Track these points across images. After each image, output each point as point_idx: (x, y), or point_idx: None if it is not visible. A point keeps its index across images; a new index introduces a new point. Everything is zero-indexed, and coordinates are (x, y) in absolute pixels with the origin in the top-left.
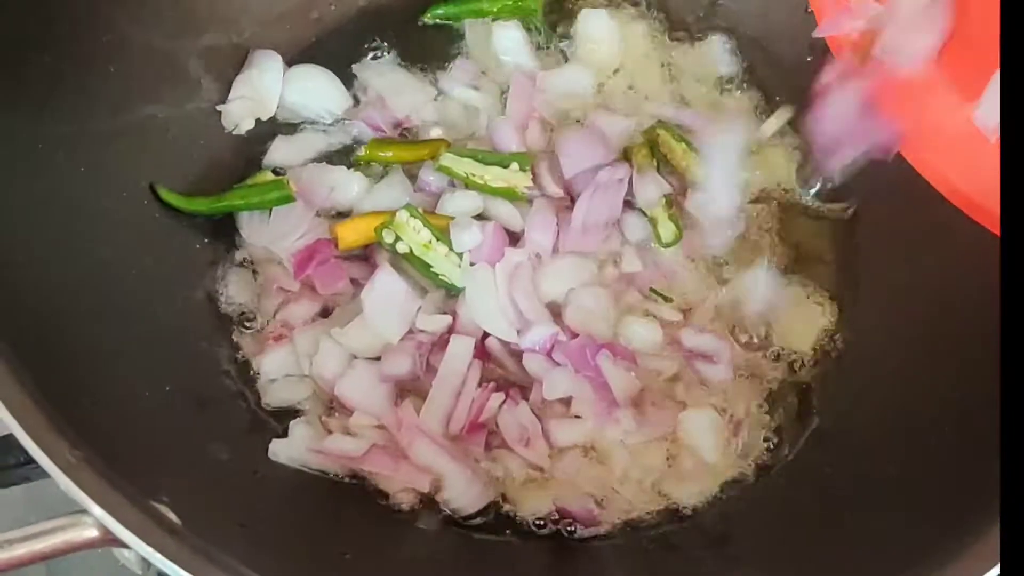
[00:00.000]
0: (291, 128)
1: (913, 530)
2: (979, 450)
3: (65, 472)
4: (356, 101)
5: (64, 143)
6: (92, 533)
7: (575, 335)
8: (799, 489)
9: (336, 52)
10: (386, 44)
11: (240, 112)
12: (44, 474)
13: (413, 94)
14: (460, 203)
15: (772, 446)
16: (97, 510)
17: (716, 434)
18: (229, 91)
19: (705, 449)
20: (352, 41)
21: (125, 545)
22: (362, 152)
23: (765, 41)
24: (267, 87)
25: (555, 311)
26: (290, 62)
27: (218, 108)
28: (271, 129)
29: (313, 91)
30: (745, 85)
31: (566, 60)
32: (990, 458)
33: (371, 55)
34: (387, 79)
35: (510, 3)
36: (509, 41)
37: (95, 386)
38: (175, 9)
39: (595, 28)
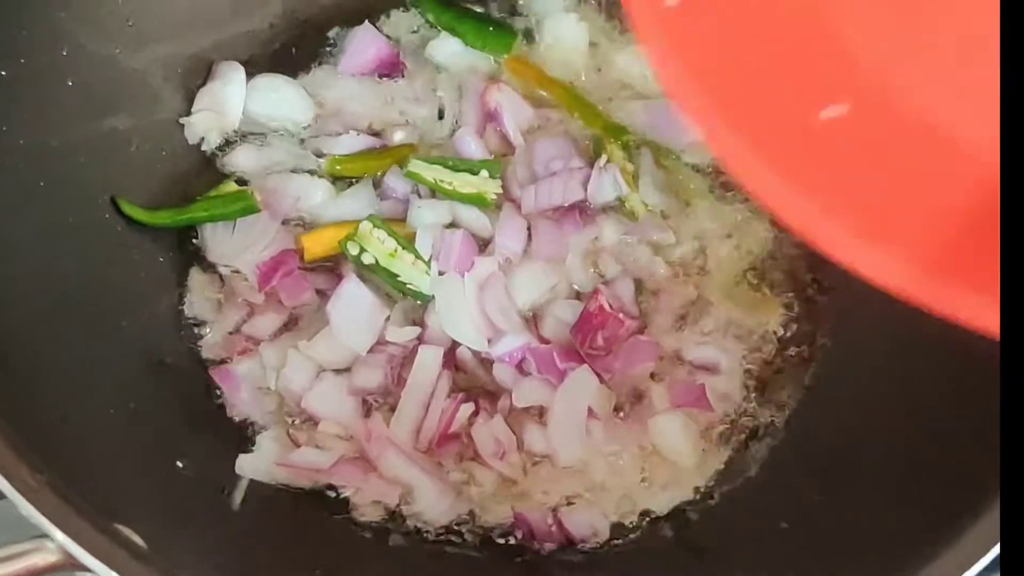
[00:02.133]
0: (256, 138)
1: (901, 521)
2: (963, 435)
3: (25, 496)
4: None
5: (24, 157)
6: (54, 558)
7: (546, 342)
8: (776, 491)
9: (298, 59)
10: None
11: (204, 124)
12: (3, 497)
13: (368, 99)
14: (428, 214)
15: (749, 444)
16: (59, 535)
17: (688, 437)
18: (191, 102)
19: (680, 454)
20: (311, 48)
21: (89, 569)
22: (325, 165)
23: None
24: (230, 99)
25: (530, 319)
26: (252, 71)
27: (181, 121)
28: (235, 139)
29: (277, 101)
30: None
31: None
32: (979, 440)
33: (320, 63)
34: (339, 88)
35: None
36: (446, 50)
37: (57, 405)
38: (133, 21)
39: (563, 31)
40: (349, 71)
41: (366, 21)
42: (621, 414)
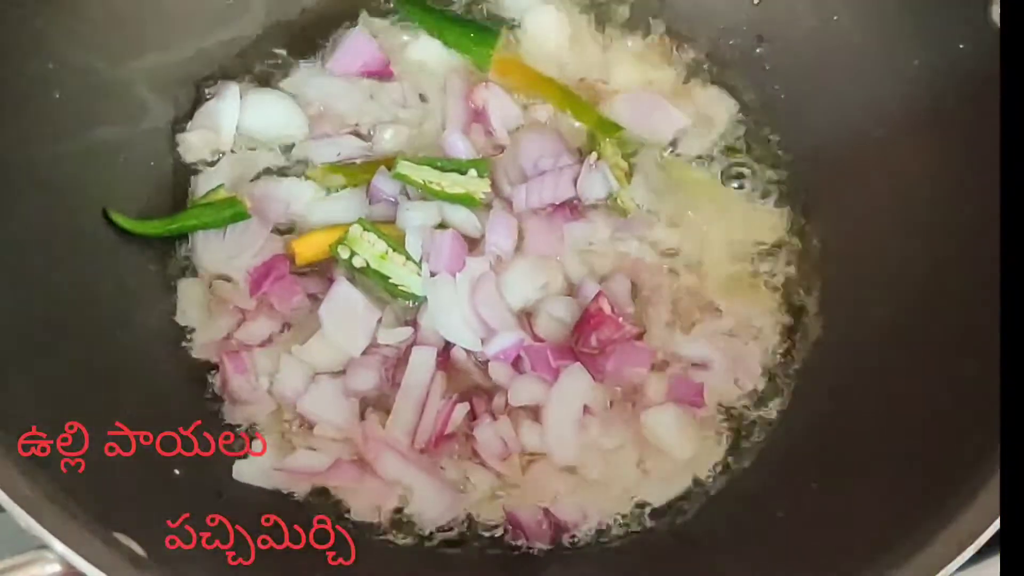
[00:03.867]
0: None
1: (896, 508)
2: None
3: (24, 507)
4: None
5: (11, 170)
6: (55, 568)
7: (540, 340)
8: (772, 482)
9: (283, 63)
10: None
11: (198, 143)
12: (2, 510)
13: (352, 97)
14: (417, 215)
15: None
16: (59, 545)
17: (683, 429)
18: (178, 111)
19: (674, 446)
20: (296, 51)
21: None
22: (315, 175)
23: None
24: (224, 116)
25: (523, 316)
26: (237, 78)
27: (177, 140)
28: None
29: (271, 118)
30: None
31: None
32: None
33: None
34: (325, 87)
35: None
36: (431, 51)
37: (52, 416)
38: (117, 33)
39: (543, 23)
40: (337, 71)
41: (359, 24)
42: (616, 408)
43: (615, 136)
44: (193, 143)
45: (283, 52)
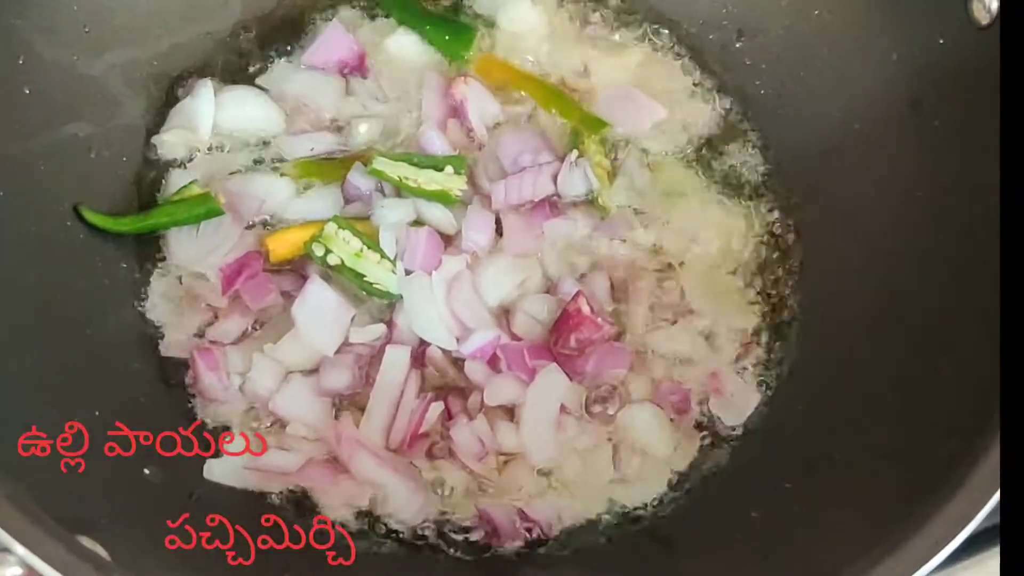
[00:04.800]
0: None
1: (869, 509)
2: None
3: None
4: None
5: None
6: (15, 572)
7: (518, 339)
8: (747, 481)
9: (257, 57)
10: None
11: (175, 141)
12: None
13: (327, 91)
14: (392, 212)
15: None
16: (20, 549)
17: (661, 427)
18: (151, 107)
19: (652, 444)
20: (271, 45)
21: None
22: (290, 171)
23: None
24: (200, 114)
25: (501, 314)
26: (212, 73)
27: (152, 140)
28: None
29: (246, 114)
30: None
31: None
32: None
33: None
34: (300, 82)
35: None
36: (407, 45)
37: (21, 415)
38: (89, 27)
39: (520, 19)
40: (312, 64)
41: (335, 18)
42: (594, 408)
43: (599, 132)
44: (169, 142)
45: (258, 47)
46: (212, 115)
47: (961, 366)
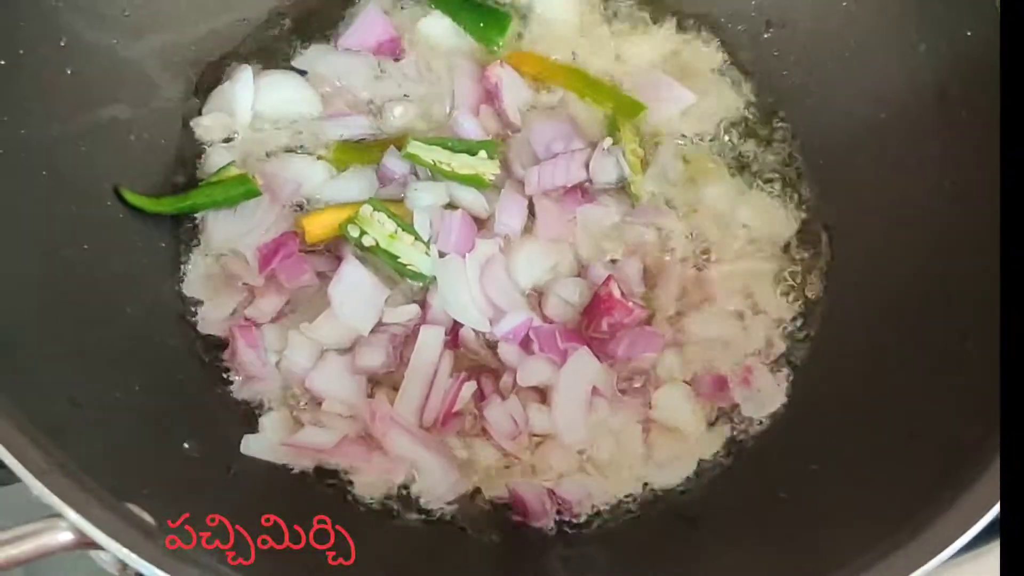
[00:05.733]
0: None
1: (897, 489)
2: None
3: (38, 477)
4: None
5: (24, 147)
6: (67, 537)
7: (550, 321)
8: (774, 461)
9: (294, 43)
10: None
11: (213, 125)
12: (15, 478)
13: (363, 72)
14: (426, 195)
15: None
16: (72, 514)
17: (692, 407)
18: (189, 90)
19: (683, 424)
20: (307, 30)
21: (101, 547)
22: (328, 154)
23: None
24: (239, 99)
25: (534, 296)
26: (249, 58)
27: (191, 124)
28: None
29: (284, 98)
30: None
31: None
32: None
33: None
34: (336, 64)
35: None
36: (442, 30)
37: (65, 389)
38: (129, 11)
39: (554, 8)
40: (349, 46)
41: (372, 2)
42: (626, 388)
43: (636, 116)
44: (208, 126)
45: (294, 32)
46: (251, 99)
47: (985, 353)
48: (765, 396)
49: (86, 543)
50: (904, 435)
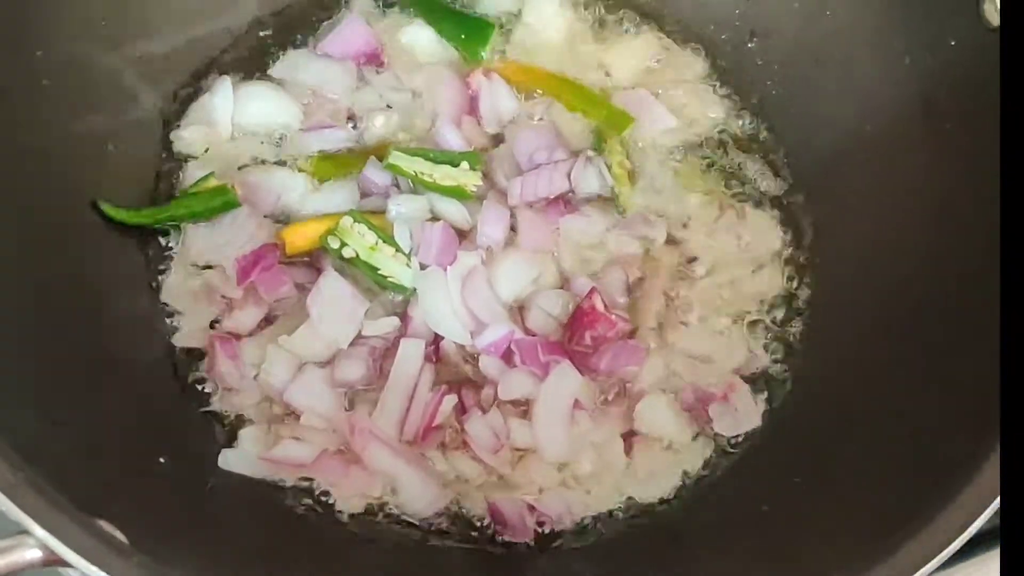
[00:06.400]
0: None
1: (880, 503)
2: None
3: (5, 492)
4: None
5: (1, 159)
6: (35, 554)
7: (532, 334)
8: (758, 475)
9: (274, 52)
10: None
11: (194, 138)
12: None
13: (342, 78)
14: (407, 207)
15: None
16: (39, 531)
17: (675, 418)
18: (167, 101)
19: (667, 435)
20: (286, 39)
21: (70, 565)
22: (307, 167)
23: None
24: (218, 111)
25: (515, 309)
26: (229, 68)
27: (171, 137)
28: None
29: (264, 110)
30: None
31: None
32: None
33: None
34: (316, 71)
35: None
36: (423, 40)
37: (36, 402)
38: (106, 21)
39: (541, 17)
40: (329, 53)
41: (354, 10)
42: (606, 399)
43: (626, 129)
44: (188, 139)
45: (275, 42)
46: (230, 111)
47: (968, 365)
48: (741, 416)
49: (55, 560)
50: (888, 449)
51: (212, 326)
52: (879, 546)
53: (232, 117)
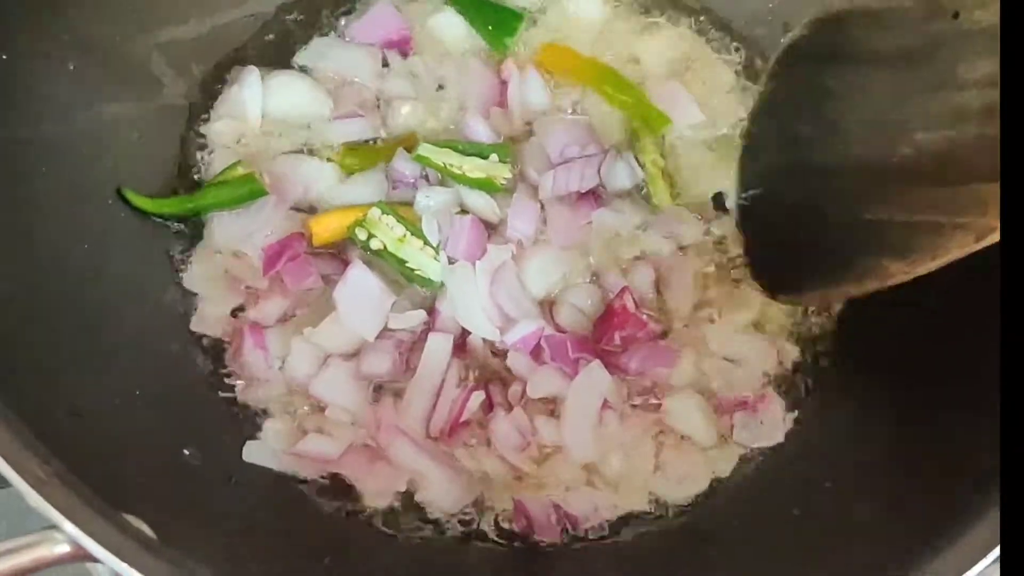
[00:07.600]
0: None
1: (911, 510)
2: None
3: (35, 488)
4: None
5: (25, 145)
6: (64, 549)
7: (562, 330)
8: (788, 478)
9: (299, 38)
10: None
11: (224, 131)
12: (10, 487)
13: (369, 64)
14: (435, 199)
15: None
16: (68, 526)
17: (704, 415)
18: (193, 87)
19: (698, 433)
20: (311, 27)
21: (98, 560)
22: (336, 157)
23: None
24: (248, 103)
25: (544, 305)
26: (255, 55)
27: (203, 131)
28: None
29: (293, 100)
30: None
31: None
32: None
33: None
34: (342, 58)
35: None
36: (453, 28)
37: (64, 397)
38: (134, 6)
39: (578, 7)
40: (357, 39)
41: None
42: (636, 401)
43: (661, 131)
44: (220, 131)
45: (302, 28)
46: (260, 102)
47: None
48: (765, 429)
49: (83, 556)
50: (921, 455)
51: (234, 315)
52: (913, 553)
53: (262, 108)
